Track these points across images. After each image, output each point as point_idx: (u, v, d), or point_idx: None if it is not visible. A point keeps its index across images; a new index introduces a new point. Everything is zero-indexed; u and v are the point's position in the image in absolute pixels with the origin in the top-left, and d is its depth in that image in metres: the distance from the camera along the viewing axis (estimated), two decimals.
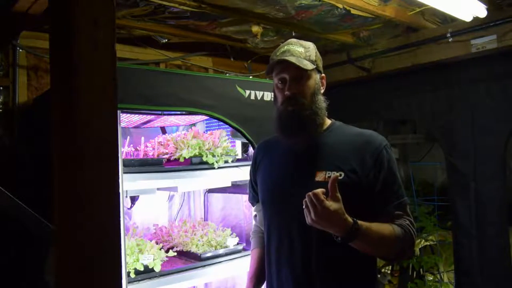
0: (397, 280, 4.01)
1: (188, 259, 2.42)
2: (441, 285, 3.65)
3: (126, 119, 2.45)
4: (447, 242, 3.58)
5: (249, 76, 3.58)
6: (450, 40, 2.79)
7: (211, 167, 2.34)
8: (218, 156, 2.38)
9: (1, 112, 2.34)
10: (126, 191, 2.06)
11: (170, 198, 2.94)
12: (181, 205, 2.98)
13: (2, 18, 1.65)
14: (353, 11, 2.48)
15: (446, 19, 2.82)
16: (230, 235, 2.61)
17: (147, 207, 2.79)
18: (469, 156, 2.90)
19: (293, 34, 2.83)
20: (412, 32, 3.03)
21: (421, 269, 3.76)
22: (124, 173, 1.99)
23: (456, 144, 2.98)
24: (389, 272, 4.26)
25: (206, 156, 2.33)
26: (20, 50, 2.35)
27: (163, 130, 2.83)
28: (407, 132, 4.42)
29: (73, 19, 1.00)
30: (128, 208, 2.65)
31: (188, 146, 2.31)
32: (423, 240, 3.62)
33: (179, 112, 2.30)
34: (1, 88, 2.33)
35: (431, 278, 3.80)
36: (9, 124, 2.35)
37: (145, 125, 2.68)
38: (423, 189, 4.06)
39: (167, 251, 2.39)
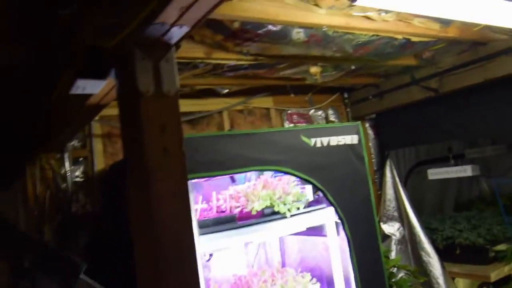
0: None
1: None
2: None
3: None
4: None
5: (311, 109, 3.55)
6: None
7: (283, 216, 2.32)
8: (289, 204, 2.36)
9: (83, 181, 2.49)
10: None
11: (246, 245, 2.94)
12: (258, 250, 2.97)
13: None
14: (413, 39, 2.37)
15: None
16: (310, 281, 2.55)
17: (224, 256, 2.82)
18: None
19: (352, 68, 2.77)
20: (480, 45, 2.84)
21: None
22: (200, 234, 2.02)
23: None
24: None
25: (278, 206, 2.31)
26: (95, 122, 2.51)
27: (233, 178, 2.86)
28: (486, 144, 4.11)
29: (142, 125, 1.04)
30: (207, 261, 2.68)
31: (259, 198, 2.31)
32: None
33: None
34: (81, 158, 2.49)
35: None
36: (90, 191, 2.49)
37: (215, 177, 2.73)
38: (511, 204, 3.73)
39: None
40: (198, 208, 2.36)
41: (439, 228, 3.63)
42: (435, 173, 3.80)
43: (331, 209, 2.41)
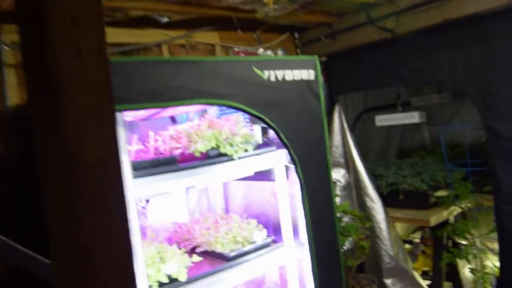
0: (431, 250, 3.82)
1: (214, 259, 2.22)
2: (479, 253, 3.44)
3: (131, 113, 2.20)
4: (484, 209, 3.35)
5: (260, 48, 3.29)
6: None
7: (230, 158, 2.11)
8: (237, 145, 2.14)
9: None
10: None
11: (187, 190, 2.72)
12: (199, 196, 2.77)
13: None
14: None
15: None
16: (256, 228, 2.40)
17: (163, 203, 2.59)
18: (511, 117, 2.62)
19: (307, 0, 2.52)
20: None
21: (455, 237, 3.55)
22: (135, 177, 1.76)
23: (496, 105, 2.69)
24: (419, 241, 4.07)
25: (224, 147, 2.09)
26: (5, 48, 2.09)
27: (173, 119, 2.58)
28: (431, 92, 4.10)
29: (44, 17, 0.74)
30: (143, 207, 2.44)
31: (203, 138, 2.06)
32: (457, 208, 3.40)
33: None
34: None
35: (466, 243, 3.59)
36: (3, 130, 2.11)
37: (153, 116, 2.43)
38: (452, 152, 3.78)
39: (190, 253, 2.20)
40: (132, 150, 2.08)
41: (384, 174, 3.61)
42: (382, 120, 3.74)
43: (282, 151, 2.23)
